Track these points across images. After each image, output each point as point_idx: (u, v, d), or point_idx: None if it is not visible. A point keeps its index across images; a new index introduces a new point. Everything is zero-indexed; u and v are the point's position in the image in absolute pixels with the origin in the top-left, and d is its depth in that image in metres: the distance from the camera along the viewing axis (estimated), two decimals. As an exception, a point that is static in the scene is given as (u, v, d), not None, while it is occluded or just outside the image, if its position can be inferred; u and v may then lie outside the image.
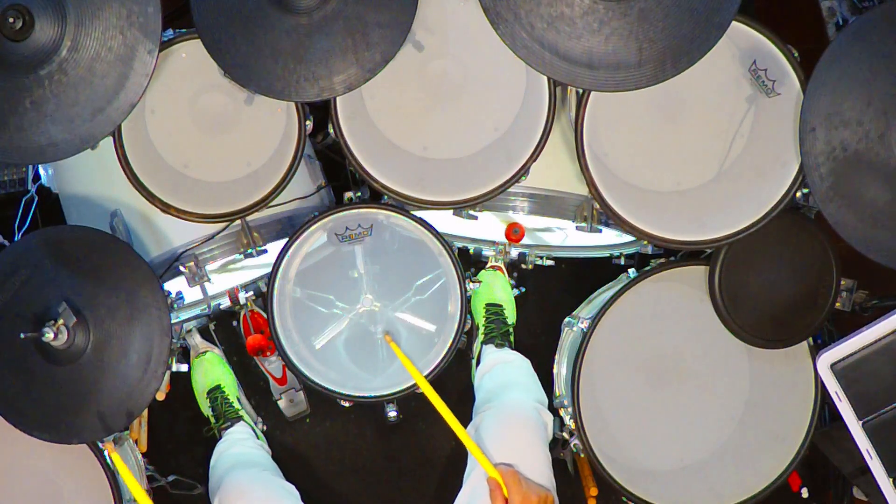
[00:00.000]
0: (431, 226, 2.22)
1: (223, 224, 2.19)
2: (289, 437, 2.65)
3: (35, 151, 1.91)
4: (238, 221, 2.19)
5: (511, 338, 2.49)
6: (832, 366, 2.01)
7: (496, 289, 2.51)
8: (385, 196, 2.19)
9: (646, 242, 2.23)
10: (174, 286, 2.20)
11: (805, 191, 2.06)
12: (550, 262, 2.55)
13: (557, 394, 2.42)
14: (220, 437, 2.42)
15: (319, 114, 2.14)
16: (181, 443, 2.62)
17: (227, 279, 2.42)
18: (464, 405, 2.29)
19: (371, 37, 1.94)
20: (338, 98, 2.06)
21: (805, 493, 2.37)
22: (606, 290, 2.44)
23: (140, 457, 2.25)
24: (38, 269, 1.98)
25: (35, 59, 1.85)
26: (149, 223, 2.21)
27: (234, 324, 2.48)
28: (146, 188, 2.09)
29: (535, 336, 2.69)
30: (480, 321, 2.50)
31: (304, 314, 2.30)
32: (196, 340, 2.51)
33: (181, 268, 2.18)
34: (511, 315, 2.54)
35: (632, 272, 2.28)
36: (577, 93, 2.06)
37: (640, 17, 1.85)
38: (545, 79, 2.07)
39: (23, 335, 1.88)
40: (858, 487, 2.34)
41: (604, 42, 1.87)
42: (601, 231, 2.27)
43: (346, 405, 2.31)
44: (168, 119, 2.13)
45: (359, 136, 2.13)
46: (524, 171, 2.13)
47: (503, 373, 2.36)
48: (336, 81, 1.97)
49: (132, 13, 1.86)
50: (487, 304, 2.50)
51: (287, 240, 2.21)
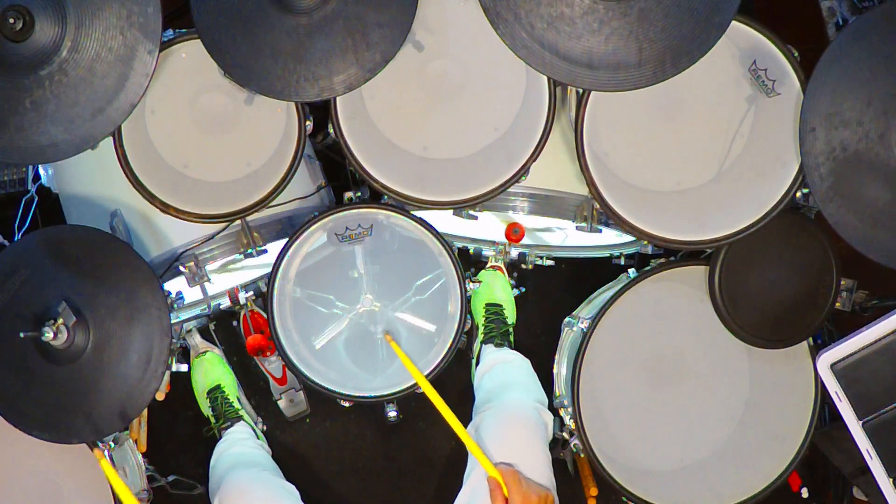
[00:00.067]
0: (431, 226, 2.22)
1: (223, 224, 2.19)
2: (289, 437, 2.65)
3: (35, 151, 1.91)
4: (238, 221, 2.19)
5: (511, 338, 2.49)
6: (832, 366, 2.01)
7: (496, 289, 2.51)
8: (385, 196, 2.19)
9: (646, 242, 2.23)
10: (174, 286, 2.20)
11: (805, 191, 2.06)
12: (550, 262, 2.55)
13: (557, 394, 2.42)
14: (221, 437, 2.42)
15: (319, 114, 2.14)
16: (181, 443, 2.61)
17: (227, 279, 2.42)
18: (464, 405, 2.29)
19: (371, 37, 1.94)
20: (338, 98, 2.06)
21: (805, 493, 2.37)
22: (606, 290, 2.44)
23: (140, 457, 2.25)
24: (38, 269, 1.98)
25: (35, 60, 1.85)
26: (149, 223, 2.21)
27: (234, 324, 2.48)
28: (146, 188, 2.09)
29: (535, 336, 2.69)
30: (480, 321, 2.50)
31: (304, 314, 2.30)
32: (196, 340, 2.51)
33: (181, 268, 2.18)
34: (511, 315, 2.54)
35: (632, 272, 2.28)
36: (577, 93, 2.06)
37: (640, 17, 1.85)
38: (545, 79, 2.07)
39: (22, 335, 1.88)
40: (858, 487, 2.34)
41: (604, 42, 1.87)
42: (601, 231, 2.27)
43: (346, 405, 2.31)
44: (168, 119, 2.13)
45: (359, 136, 2.13)
46: (524, 171, 2.13)
47: (503, 372, 2.36)
48: (336, 81, 1.97)
49: (132, 13, 1.86)
50: (487, 304, 2.50)
51: (287, 240, 2.21)
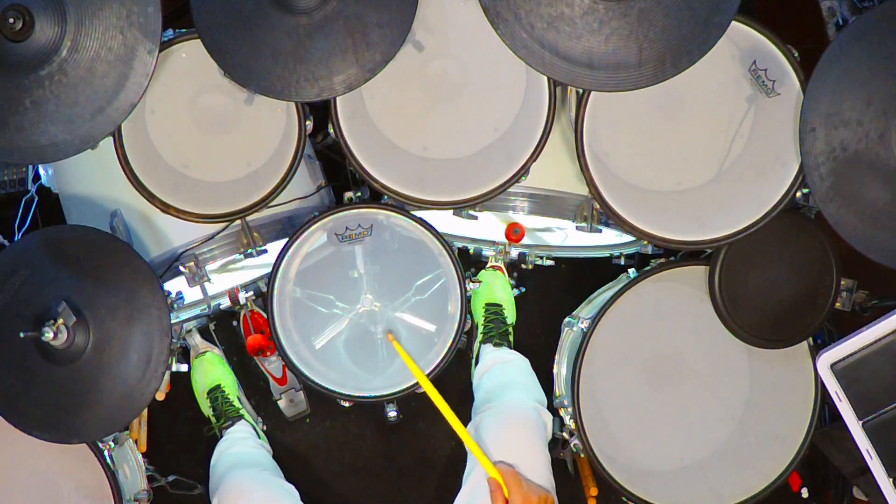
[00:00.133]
0: (431, 226, 2.22)
1: (223, 224, 2.19)
2: (289, 437, 2.65)
3: (35, 151, 1.91)
4: (238, 221, 2.19)
5: (510, 337, 2.49)
6: (832, 366, 2.01)
7: (496, 289, 2.51)
8: (385, 196, 2.19)
9: (646, 242, 2.23)
10: (174, 286, 2.20)
11: (805, 191, 2.06)
12: (550, 262, 2.55)
13: (557, 394, 2.42)
14: (222, 437, 2.42)
15: (319, 114, 2.14)
16: (181, 443, 2.61)
17: (227, 279, 2.42)
18: (464, 405, 2.29)
19: (371, 37, 1.94)
20: (338, 98, 2.06)
21: (805, 493, 2.37)
22: (606, 290, 2.44)
23: (140, 457, 2.25)
24: (38, 269, 1.98)
25: (35, 60, 1.85)
26: (149, 223, 2.21)
27: (234, 324, 2.48)
28: (146, 188, 2.09)
29: (535, 336, 2.69)
30: (480, 321, 2.50)
31: (304, 314, 2.30)
32: (196, 340, 2.51)
33: (181, 268, 2.18)
34: (511, 315, 2.54)
35: (632, 272, 2.28)
36: (577, 93, 2.06)
37: (640, 17, 1.85)
38: (545, 79, 2.07)
39: (22, 335, 1.88)
40: (858, 487, 2.34)
41: (604, 42, 1.87)
42: (601, 231, 2.27)
43: (346, 405, 2.31)
44: (168, 119, 2.13)
45: (359, 136, 2.13)
46: (524, 171, 2.13)
47: (502, 372, 2.36)
48: (336, 81, 1.97)
49: (132, 13, 1.86)
50: (487, 304, 2.50)
51: (287, 240, 2.21)
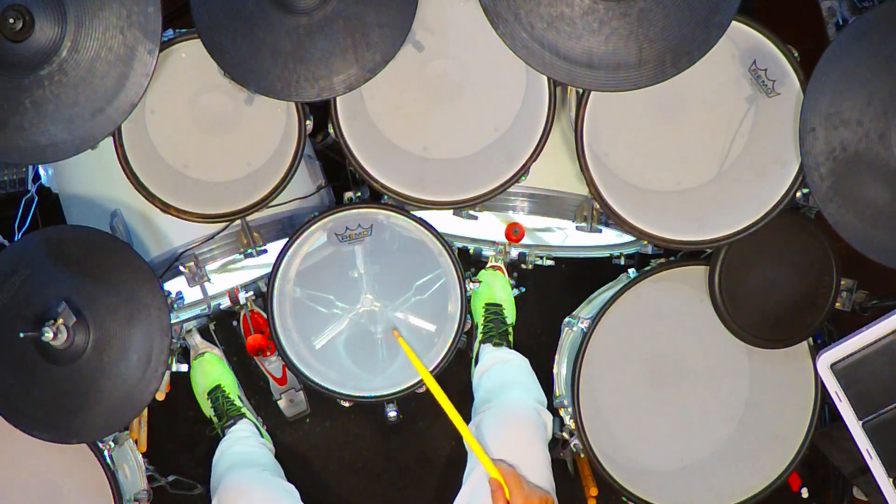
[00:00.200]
0: (431, 226, 2.22)
1: (223, 224, 2.19)
2: (289, 437, 2.65)
3: (35, 151, 1.91)
4: (238, 221, 2.19)
5: (510, 337, 2.49)
6: (832, 366, 2.01)
7: (496, 289, 2.51)
8: (385, 196, 2.19)
9: (646, 242, 2.23)
10: (174, 286, 2.20)
11: (805, 191, 2.06)
12: (550, 262, 2.55)
13: (557, 394, 2.42)
14: (224, 436, 2.42)
15: (319, 114, 2.14)
16: (181, 443, 2.61)
17: (227, 279, 2.42)
18: (464, 405, 2.28)
19: (371, 37, 1.94)
20: (338, 98, 2.06)
21: (805, 493, 2.37)
22: (606, 290, 2.44)
23: (140, 457, 2.25)
24: (38, 269, 1.98)
25: (35, 60, 1.85)
26: (149, 223, 2.21)
27: (234, 324, 2.48)
28: (146, 188, 2.09)
29: (535, 336, 2.69)
30: (480, 321, 2.50)
31: (304, 314, 2.29)
32: (196, 340, 2.51)
33: (181, 268, 2.18)
34: (510, 315, 2.53)
35: (632, 272, 2.28)
36: (577, 93, 2.06)
37: (640, 17, 1.85)
38: (545, 79, 2.07)
39: (22, 335, 1.88)
40: (858, 487, 2.34)
41: (604, 42, 1.87)
42: (601, 231, 2.27)
43: (346, 405, 2.31)
44: (168, 119, 2.13)
45: (359, 136, 2.13)
46: (524, 171, 2.13)
47: (502, 372, 2.36)
48: (336, 81, 1.97)
49: (132, 13, 1.86)
50: (487, 304, 2.50)
51: (287, 240, 2.21)
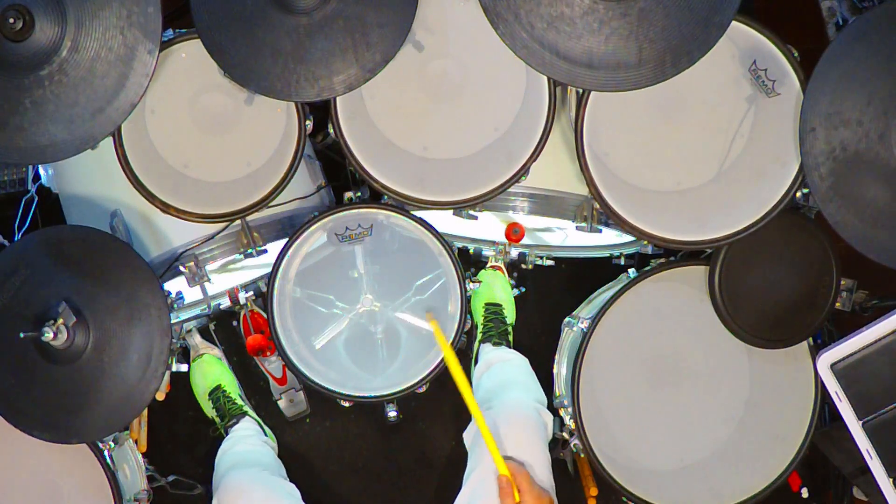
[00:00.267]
0: (431, 226, 2.22)
1: (223, 224, 2.19)
2: (289, 437, 2.65)
3: (35, 151, 1.91)
4: (238, 221, 2.19)
5: (510, 337, 2.49)
6: (832, 366, 2.01)
7: (496, 288, 2.51)
8: (385, 196, 2.19)
9: (646, 242, 2.23)
10: (174, 286, 2.20)
11: (805, 191, 2.06)
12: (550, 262, 2.55)
13: (557, 394, 2.42)
14: (227, 435, 2.41)
15: (319, 114, 2.14)
16: (181, 443, 2.62)
17: (227, 279, 2.42)
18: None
19: (371, 37, 1.94)
20: (338, 98, 2.06)
21: (805, 493, 2.37)
22: (606, 290, 2.44)
23: (140, 457, 2.25)
24: (38, 269, 1.98)
25: (35, 60, 1.85)
26: (149, 223, 2.21)
27: (234, 324, 2.48)
28: (146, 188, 2.09)
29: (535, 336, 2.69)
30: (480, 320, 2.50)
31: (304, 314, 2.29)
32: (196, 340, 2.51)
33: (181, 268, 2.18)
34: (510, 315, 2.53)
35: (632, 272, 2.28)
36: (577, 93, 2.06)
37: (640, 17, 1.85)
38: (545, 79, 2.07)
39: (22, 335, 1.88)
40: (858, 487, 2.34)
41: (604, 42, 1.87)
42: (601, 231, 2.27)
43: (346, 405, 2.31)
44: (168, 119, 2.13)
45: (359, 136, 2.13)
46: (524, 171, 2.13)
47: (502, 371, 2.36)
48: (336, 81, 1.97)
49: (132, 13, 1.86)
50: (487, 304, 2.50)
51: (287, 240, 2.21)
